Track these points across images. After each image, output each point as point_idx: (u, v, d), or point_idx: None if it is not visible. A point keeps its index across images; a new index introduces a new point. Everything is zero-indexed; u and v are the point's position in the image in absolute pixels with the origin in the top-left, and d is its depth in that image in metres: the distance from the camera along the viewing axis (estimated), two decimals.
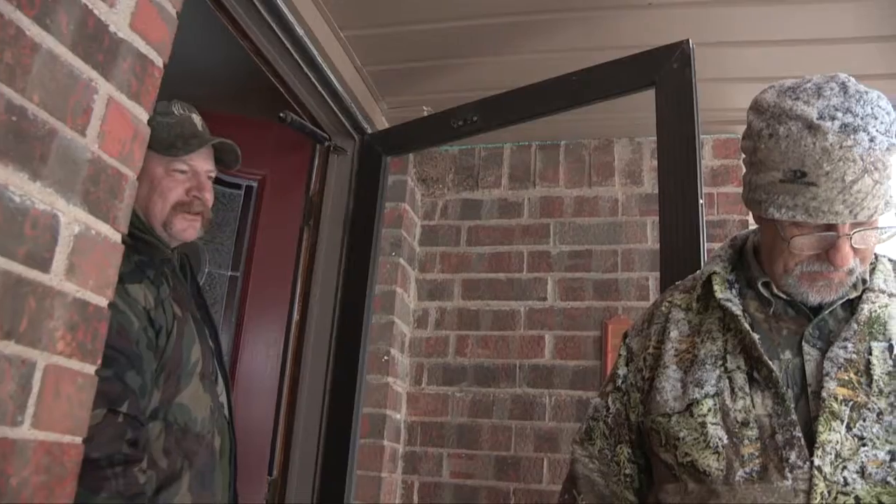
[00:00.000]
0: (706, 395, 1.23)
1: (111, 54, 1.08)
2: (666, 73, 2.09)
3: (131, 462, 1.36)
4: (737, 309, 1.27)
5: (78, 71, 1.01)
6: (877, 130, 1.11)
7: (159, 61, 1.19)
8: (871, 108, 1.13)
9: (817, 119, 1.12)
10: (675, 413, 1.26)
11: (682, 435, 1.24)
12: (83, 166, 1.02)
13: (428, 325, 3.03)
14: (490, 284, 3.01)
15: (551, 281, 2.95)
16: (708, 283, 1.35)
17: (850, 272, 1.20)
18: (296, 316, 2.78)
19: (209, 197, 1.74)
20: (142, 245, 1.59)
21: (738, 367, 1.23)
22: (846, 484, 1.08)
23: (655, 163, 2.67)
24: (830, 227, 1.15)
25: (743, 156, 1.29)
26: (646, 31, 2.32)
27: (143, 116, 1.16)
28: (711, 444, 1.20)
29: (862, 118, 1.11)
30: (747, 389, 1.21)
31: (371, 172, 2.76)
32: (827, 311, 1.24)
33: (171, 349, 1.53)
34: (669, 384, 1.30)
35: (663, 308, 1.43)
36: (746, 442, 1.17)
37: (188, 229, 1.69)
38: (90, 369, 1.05)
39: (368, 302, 2.63)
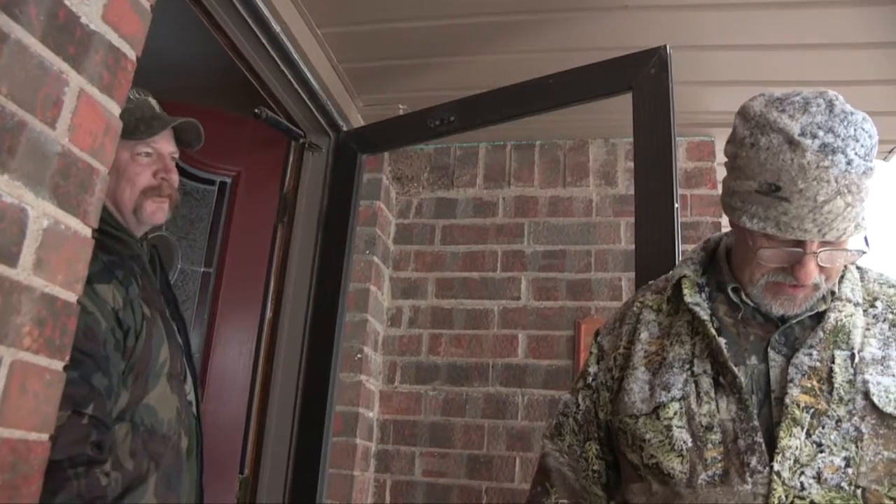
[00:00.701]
0: (672, 399, 1.25)
1: (83, 46, 1.06)
2: (643, 77, 2.10)
3: (94, 464, 1.34)
4: (704, 314, 1.29)
5: (48, 63, 1.00)
6: (855, 153, 1.12)
7: (132, 54, 1.18)
8: (854, 130, 1.13)
9: (798, 135, 1.13)
10: (642, 415, 1.28)
11: (647, 437, 1.25)
12: (53, 159, 1.01)
13: (401, 323, 3.03)
14: (464, 283, 3.01)
15: (525, 280, 2.96)
16: (678, 286, 1.36)
17: (816, 287, 1.22)
18: (269, 313, 2.76)
19: (175, 178, 1.74)
20: (111, 242, 1.57)
21: (705, 372, 1.25)
22: (803, 489, 1.11)
23: (630, 164, 2.69)
24: (798, 244, 1.17)
25: (725, 159, 1.30)
26: (622, 34, 2.34)
27: (116, 110, 1.15)
28: (676, 447, 1.22)
29: (843, 139, 1.12)
30: (713, 394, 1.23)
31: (346, 170, 2.75)
32: (795, 321, 1.26)
33: (140, 350, 1.51)
34: (638, 386, 1.31)
35: (635, 308, 1.44)
36: (710, 446, 1.19)
37: (157, 212, 1.69)
38: (58, 365, 1.04)
39: (342, 300, 2.62)
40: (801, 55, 2.41)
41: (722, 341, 1.25)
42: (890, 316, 1.25)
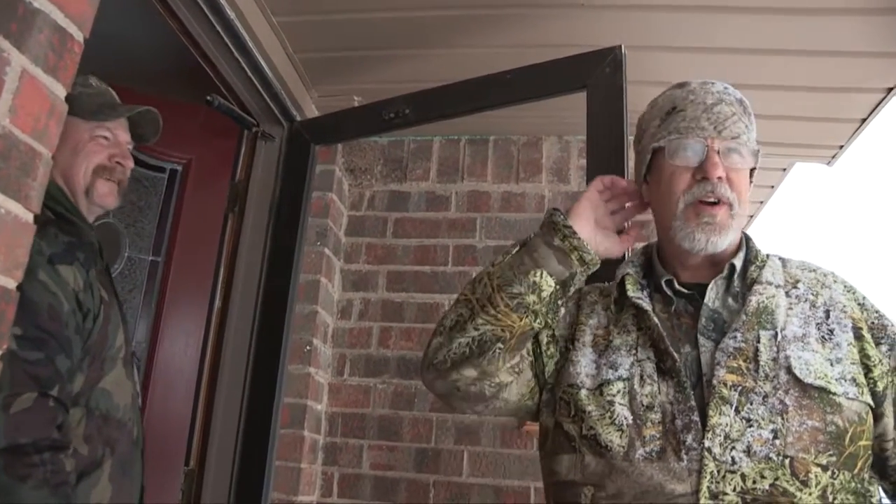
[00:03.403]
0: (619, 378, 1.32)
1: (25, 24, 1.03)
2: (598, 76, 2.12)
3: (58, 448, 1.32)
4: (647, 305, 1.36)
5: None
6: (729, 89, 1.38)
7: (80, 35, 1.15)
8: (727, 86, 1.39)
9: (684, 82, 1.40)
10: (585, 387, 1.33)
11: (589, 409, 1.31)
12: None
13: (351, 315, 3.02)
14: (415, 277, 3.01)
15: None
16: (622, 284, 1.43)
17: (730, 207, 1.32)
18: (218, 303, 2.73)
19: (130, 165, 1.75)
20: (67, 226, 1.55)
21: (648, 358, 1.32)
22: (734, 463, 1.17)
23: (583, 161, 2.71)
24: (700, 143, 1.33)
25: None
26: (578, 32, 2.36)
27: (61, 92, 1.12)
28: (616, 422, 1.27)
29: (718, 83, 1.38)
30: (655, 377, 1.29)
31: (299, 160, 2.72)
32: (719, 304, 1.34)
33: (97, 333, 1.50)
34: (585, 360, 1.37)
35: (576, 296, 1.50)
36: (649, 424, 1.25)
37: (109, 195, 1.69)
38: None
39: (292, 291, 2.60)
40: (755, 59, 2.45)
41: (663, 331, 1.31)
42: (811, 297, 1.34)
